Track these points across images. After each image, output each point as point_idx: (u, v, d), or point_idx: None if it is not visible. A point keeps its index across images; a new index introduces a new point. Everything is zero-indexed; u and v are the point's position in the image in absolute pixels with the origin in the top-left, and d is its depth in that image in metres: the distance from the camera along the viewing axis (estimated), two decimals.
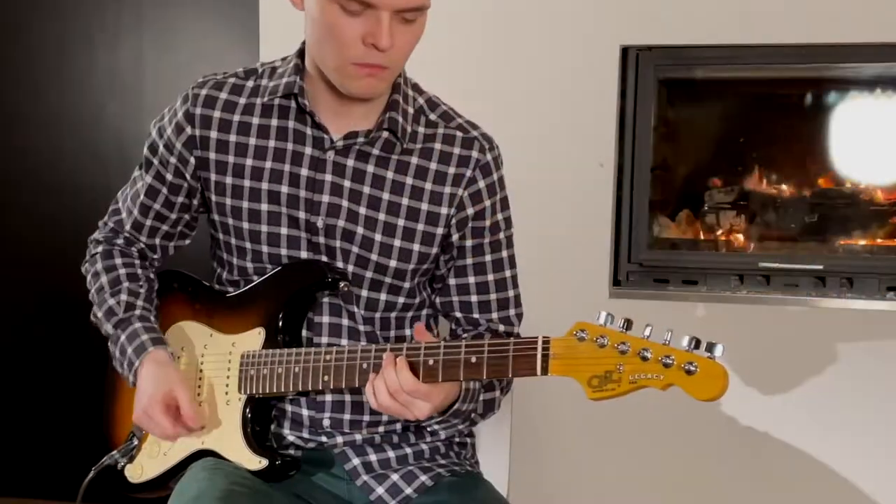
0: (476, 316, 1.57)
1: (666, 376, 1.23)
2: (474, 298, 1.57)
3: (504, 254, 1.58)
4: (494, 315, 1.58)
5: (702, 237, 2.71)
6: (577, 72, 2.52)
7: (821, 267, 2.52)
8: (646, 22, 2.48)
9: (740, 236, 2.69)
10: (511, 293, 1.59)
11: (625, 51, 2.52)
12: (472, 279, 1.56)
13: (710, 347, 1.22)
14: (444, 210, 1.52)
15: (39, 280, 3.06)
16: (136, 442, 1.59)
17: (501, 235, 1.57)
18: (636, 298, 2.53)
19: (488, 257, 1.56)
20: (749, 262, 2.58)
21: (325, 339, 1.53)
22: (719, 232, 2.70)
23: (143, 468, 1.58)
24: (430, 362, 1.36)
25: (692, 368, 1.22)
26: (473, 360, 1.34)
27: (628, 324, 1.26)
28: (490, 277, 1.56)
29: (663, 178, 2.70)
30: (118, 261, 1.64)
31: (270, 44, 2.59)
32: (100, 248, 1.66)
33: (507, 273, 1.58)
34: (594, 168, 2.53)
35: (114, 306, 1.58)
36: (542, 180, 2.53)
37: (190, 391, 1.50)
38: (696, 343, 1.23)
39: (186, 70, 2.90)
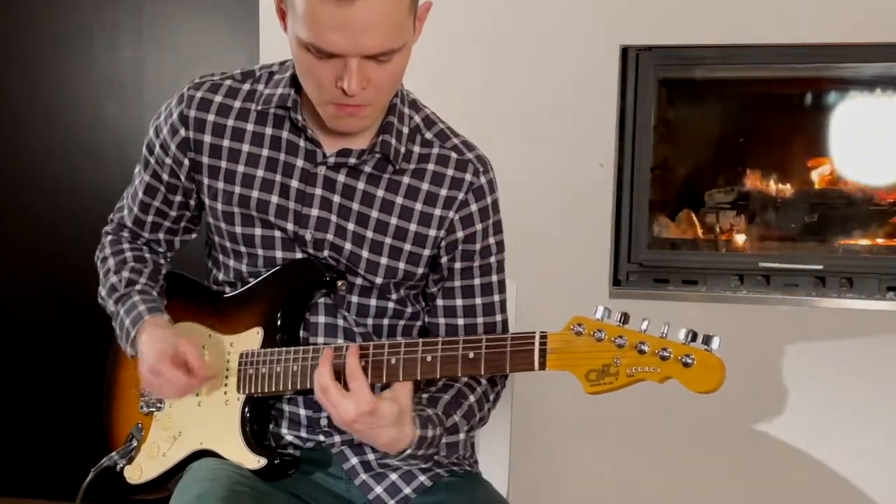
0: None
1: (663, 369, 1.23)
2: (461, 321, 1.54)
3: (494, 278, 1.55)
4: None
5: (702, 237, 2.71)
6: (577, 72, 2.52)
7: (821, 267, 2.52)
8: (646, 22, 2.48)
9: (740, 236, 2.69)
10: (499, 318, 1.56)
11: (625, 51, 2.52)
12: (459, 302, 1.54)
13: (708, 340, 1.22)
14: (432, 232, 1.50)
15: (39, 280, 3.06)
16: (135, 443, 1.59)
17: (492, 259, 1.54)
18: (636, 298, 2.53)
19: (477, 281, 1.54)
20: (749, 262, 2.58)
21: (321, 340, 1.52)
22: (719, 232, 2.70)
23: (142, 469, 1.58)
24: (428, 358, 1.36)
25: (689, 361, 1.22)
26: (471, 355, 1.33)
27: (625, 318, 1.26)
28: (478, 301, 1.54)
29: (663, 178, 2.70)
30: (125, 245, 1.66)
31: (270, 44, 2.60)
32: (109, 238, 1.69)
33: (496, 298, 1.56)
34: (594, 168, 2.53)
35: (115, 283, 1.59)
36: (542, 180, 2.53)
37: (195, 346, 1.49)
38: (693, 336, 1.23)
39: (186, 70, 2.90)
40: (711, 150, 2.79)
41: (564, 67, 2.52)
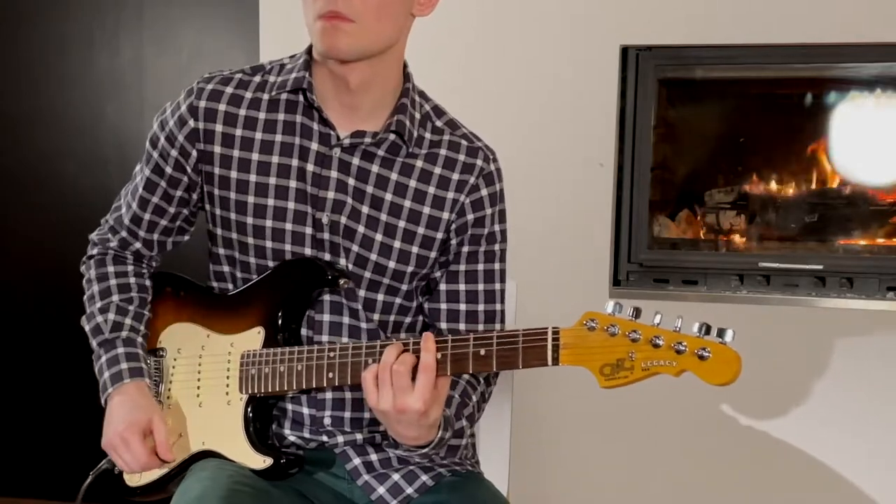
0: (462, 327, 1.55)
1: (679, 362, 1.24)
2: (462, 307, 1.55)
3: (497, 266, 1.57)
4: (480, 327, 1.56)
5: (702, 237, 2.71)
6: (577, 72, 2.52)
7: (821, 267, 2.52)
8: (646, 22, 2.48)
9: (740, 236, 2.69)
10: (498, 307, 1.58)
11: (625, 51, 2.52)
12: (462, 286, 1.55)
13: (721, 333, 1.24)
14: (445, 215, 1.52)
15: (39, 281, 3.06)
16: None
17: (496, 247, 1.57)
18: (636, 298, 2.52)
19: (481, 266, 1.56)
20: (749, 262, 2.58)
21: (325, 338, 1.52)
22: (719, 232, 2.70)
23: (141, 472, 1.57)
24: (438, 356, 1.35)
25: (705, 354, 1.23)
26: (482, 352, 1.33)
27: (637, 312, 1.27)
28: (480, 287, 1.56)
29: (663, 178, 2.70)
30: (110, 269, 1.61)
31: (270, 44, 2.59)
32: (95, 251, 1.64)
33: (497, 286, 1.57)
34: (594, 168, 2.53)
35: (101, 324, 1.56)
36: (543, 180, 2.53)
37: (166, 425, 1.48)
38: (707, 329, 1.24)
39: (186, 70, 2.90)
40: (711, 150, 2.79)
41: (564, 67, 2.52)
